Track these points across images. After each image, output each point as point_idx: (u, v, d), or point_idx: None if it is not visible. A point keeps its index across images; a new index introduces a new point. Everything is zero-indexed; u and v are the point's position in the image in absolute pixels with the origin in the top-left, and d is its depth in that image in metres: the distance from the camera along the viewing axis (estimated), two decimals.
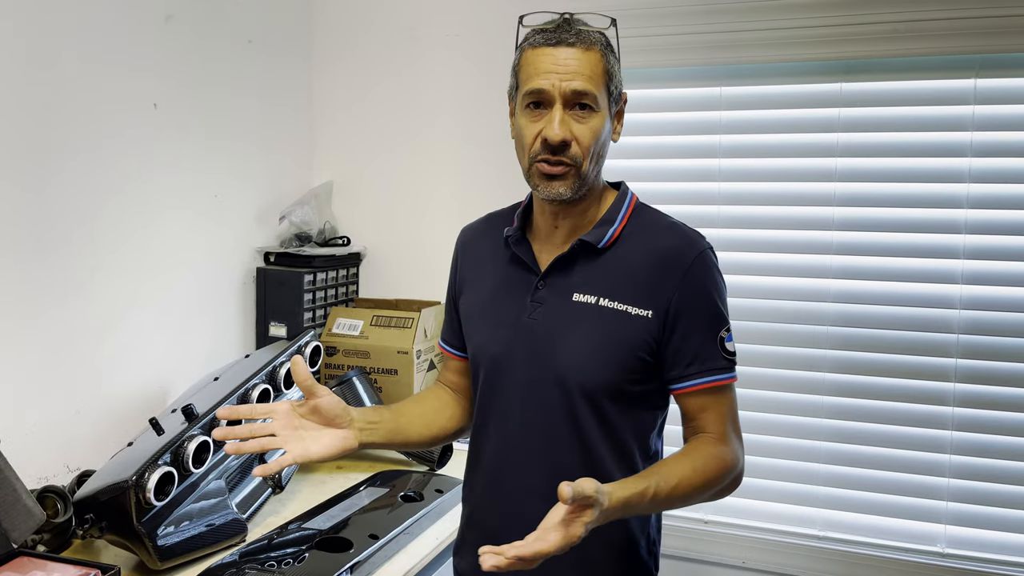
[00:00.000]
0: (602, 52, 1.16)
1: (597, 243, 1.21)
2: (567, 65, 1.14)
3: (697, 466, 1.13)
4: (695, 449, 1.18)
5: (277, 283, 2.20)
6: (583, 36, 1.15)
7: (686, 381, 1.19)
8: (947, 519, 1.95)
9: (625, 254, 1.21)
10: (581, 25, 1.17)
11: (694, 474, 1.12)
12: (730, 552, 2.09)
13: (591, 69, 1.15)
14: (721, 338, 1.19)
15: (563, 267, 1.23)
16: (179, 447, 1.42)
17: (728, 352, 1.20)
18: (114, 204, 1.76)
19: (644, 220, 1.25)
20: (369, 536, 1.49)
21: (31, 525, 1.27)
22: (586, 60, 1.14)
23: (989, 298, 1.89)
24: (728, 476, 1.17)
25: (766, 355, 2.06)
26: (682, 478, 1.11)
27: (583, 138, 1.15)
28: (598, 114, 1.16)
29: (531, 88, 1.15)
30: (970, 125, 1.88)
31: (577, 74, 1.14)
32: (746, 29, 1.99)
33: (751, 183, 2.06)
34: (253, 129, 2.20)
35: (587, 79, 1.14)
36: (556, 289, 1.23)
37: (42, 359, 1.62)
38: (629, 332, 1.17)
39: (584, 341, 1.19)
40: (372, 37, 2.37)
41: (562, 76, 1.14)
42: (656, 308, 1.17)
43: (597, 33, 1.17)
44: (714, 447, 1.17)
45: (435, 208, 2.34)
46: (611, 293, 1.19)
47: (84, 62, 1.66)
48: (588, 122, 1.15)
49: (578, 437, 1.20)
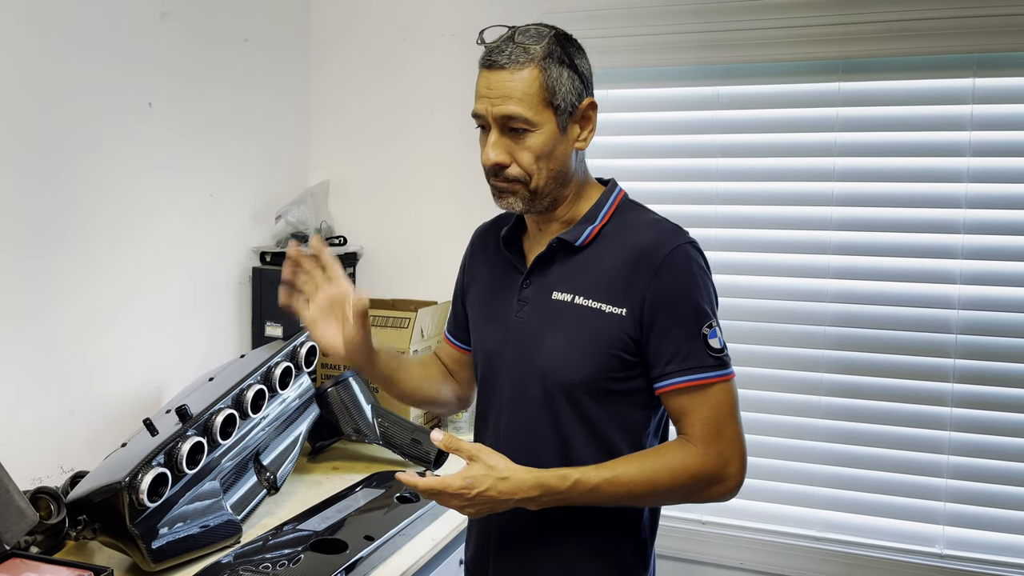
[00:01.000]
0: (540, 67, 1.14)
1: (574, 242, 1.22)
2: (499, 88, 1.14)
3: (647, 466, 1.13)
4: (657, 450, 1.18)
5: (273, 283, 2.19)
6: (514, 56, 1.14)
7: (666, 380, 1.16)
8: (945, 520, 1.94)
9: (602, 252, 1.21)
10: (523, 40, 1.15)
11: (640, 473, 1.12)
12: (727, 553, 2.08)
13: (523, 90, 1.14)
14: (704, 335, 1.15)
15: (544, 266, 1.25)
16: (173, 448, 1.41)
17: (714, 349, 1.16)
18: (109, 203, 1.75)
19: (627, 218, 1.24)
20: (364, 537, 1.49)
21: (24, 526, 1.26)
22: (518, 81, 1.14)
23: (987, 298, 1.89)
24: (697, 482, 1.13)
25: (763, 355, 2.05)
26: (625, 474, 1.12)
27: (521, 158, 1.17)
28: (536, 132, 1.15)
29: (472, 112, 1.19)
30: (968, 125, 1.87)
31: (506, 98, 1.14)
32: (743, 28, 1.98)
33: (748, 183, 2.06)
34: (249, 128, 2.19)
35: (516, 102, 1.14)
36: (538, 288, 1.24)
37: (36, 359, 1.61)
38: (604, 330, 1.17)
39: (562, 339, 1.19)
40: (369, 37, 2.36)
41: (492, 101, 1.15)
42: (631, 305, 1.16)
43: (537, 48, 1.15)
44: (679, 450, 1.14)
45: (432, 208, 2.34)
46: (586, 291, 1.19)
47: (79, 60, 1.65)
48: (525, 142, 1.16)
49: (558, 435, 1.20)
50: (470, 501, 1.10)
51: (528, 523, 1.23)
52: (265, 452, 1.67)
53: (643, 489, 1.12)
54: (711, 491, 1.15)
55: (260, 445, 1.65)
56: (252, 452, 1.63)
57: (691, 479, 1.13)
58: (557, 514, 1.19)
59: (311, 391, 1.82)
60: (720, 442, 1.14)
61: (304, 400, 1.79)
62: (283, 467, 1.68)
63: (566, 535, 1.22)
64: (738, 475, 1.16)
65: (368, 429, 1.90)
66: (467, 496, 1.09)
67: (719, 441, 1.14)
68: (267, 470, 1.65)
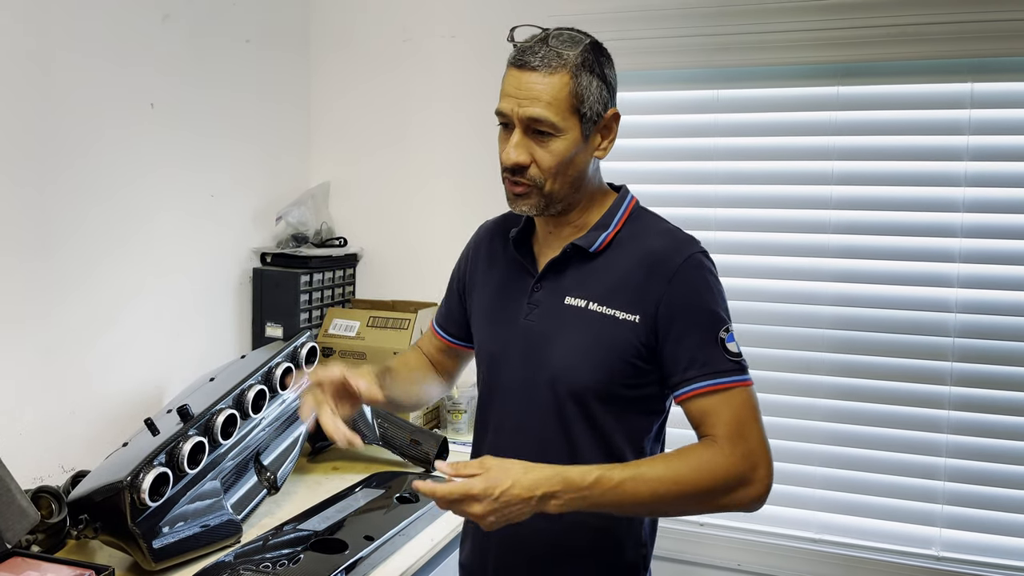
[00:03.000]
0: (572, 74, 1.14)
1: (589, 247, 1.22)
2: (528, 90, 1.13)
3: (672, 465, 1.08)
4: (681, 450, 1.12)
5: (273, 284, 2.20)
6: (549, 59, 1.13)
7: (686, 386, 1.14)
8: (942, 522, 1.95)
9: (616, 258, 1.21)
10: (557, 44, 1.15)
11: (665, 471, 1.08)
12: (725, 555, 2.09)
13: (552, 94, 1.13)
14: (721, 339, 1.14)
15: (557, 270, 1.24)
16: (174, 448, 1.42)
17: (732, 354, 1.14)
18: (110, 204, 1.75)
19: (640, 225, 1.25)
20: (364, 537, 1.49)
21: (25, 525, 1.27)
22: (548, 85, 1.13)
23: (985, 302, 1.89)
24: (723, 483, 1.09)
25: (762, 357, 2.05)
26: (650, 472, 1.07)
27: (542, 161, 1.16)
28: (560, 138, 1.15)
29: (497, 109, 1.18)
30: (966, 129, 1.88)
31: (535, 100, 1.13)
32: (742, 32, 1.99)
33: (747, 186, 2.07)
34: (250, 129, 2.20)
35: (545, 105, 1.13)
36: (550, 292, 1.24)
37: (37, 359, 1.61)
38: (617, 336, 1.17)
39: (574, 344, 1.19)
40: (369, 38, 2.37)
41: (520, 101, 1.14)
42: (644, 313, 1.16)
43: (571, 54, 1.14)
44: (705, 449, 1.11)
45: (432, 209, 2.34)
46: (600, 297, 1.19)
47: (81, 61, 1.66)
48: (548, 146, 1.15)
49: (567, 439, 1.20)
50: (495, 503, 1.03)
51: (528, 524, 1.23)
52: (265, 452, 1.67)
53: (667, 488, 1.07)
54: (737, 495, 1.10)
55: (261, 445, 1.66)
56: (253, 452, 1.63)
57: (717, 480, 1.09)
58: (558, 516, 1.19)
59: None
60: (745, 444, 1.11)
61: None
62: (283, 467, 1.69)
63: (566, 537, 1.22)
64: (766, 479, 1.12)
65: (368, 430, 1.91)
66: (492, 496, 1.02)
67: (744, 443, 1.11)
68: (267, 470, 1.66)
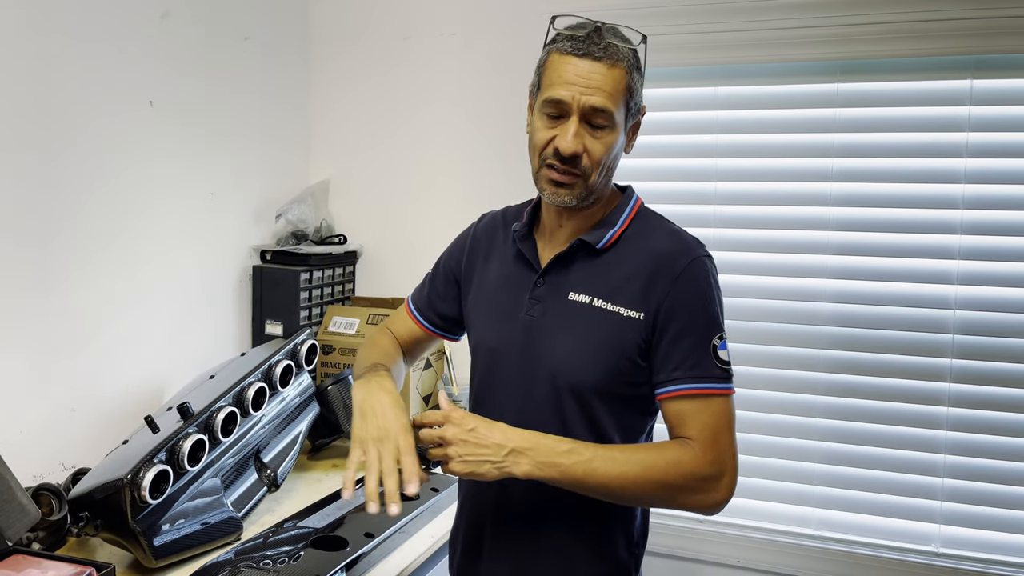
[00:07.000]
0: (627, 69, 1.15)
1: (596, 244, 1.22)
2: (590, 79, 1.13)
3: (643, 453, 1.12)
4: (655, 443, 1.17)
5: (273, 281, 2.20)
6: (611, 51, 1.14)
7: (670, 385, 1.15)
8: (942, 519, 1.95)
9: (622, 256, 1.21)
10: (612, 38, 1.15)
11: (635, 455, 1.11)
12: (725, 551, 2.09)
13: (613, 86, 1.14)
14: (714, 345, 1.16)
15: (561, 266, 1.24)
16: (174, 445, 1.42)
17: (722, 361, 1.16)
18: (110, 202, 1.75)
19: (646, 224, 1.25)
20: (365, 534, 1.49)
21: (26, 523, 1.27)
22: (610, 76, 1.13)
23: (984, 298, 1.89)
24: (688, 481, 1.11)
25: (761, 355, 2.06)
26: (621, 455, 1.11)
27: (594, 152, 1.16)
28: (612, 130, 1.16)
29: (551, 96, 1.15)
30: (966, 126, 1.88)
31: (598, 90, 1.13)
32: (742, 29, 1.99)
33: (747, 183, 2.06)
34: (250, 127, 2.20)
35: (607, 96, 1.13)
36: (553, 287, 1.23)
37: (37, 356, 1.61)
38: (621, 333, 1.17)
39: (576, 340, 1.19)
40: (369, 36, 2.37)
41: (583, 89, 1.13)
42: (647, 311, 1.17)
43: (627, 49, 1.16)
44: (678, 447, 1.13)
45: (432, 207, 2.34)
46: (605, 294, 1.19)
47: (80, 59, 1.66)
48: (602, 138, 1.16)
49: (563, 435, 1.19)
50: (468, 434, 1.09)
51: (521, 518, 1.23)
52: (266, 450, 1.67)
53: (636, 474, 1.10)
54: (699, 497, 1.13)
55: (261, 443, 1.66)
56: (253, 450, 1.64)
57: (684, 477, 1.12)
58: (550, 510, 1.20)
59: (311, 389, 1.83)
60: (716, 450, 1.13)
61: (304, 398, 1.80)
62: (283, 464, 1.69)
63: (559, 532, 1.23)
64: (730, 487, 1.14)
65: None
66: (467, 427, 1.09)
67: (716, 449, 1.13)
68: (267, 467, 1.66)
